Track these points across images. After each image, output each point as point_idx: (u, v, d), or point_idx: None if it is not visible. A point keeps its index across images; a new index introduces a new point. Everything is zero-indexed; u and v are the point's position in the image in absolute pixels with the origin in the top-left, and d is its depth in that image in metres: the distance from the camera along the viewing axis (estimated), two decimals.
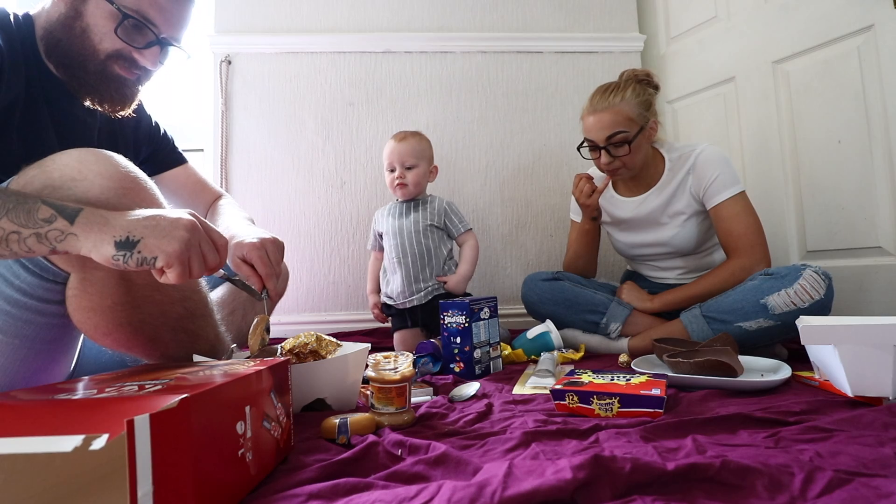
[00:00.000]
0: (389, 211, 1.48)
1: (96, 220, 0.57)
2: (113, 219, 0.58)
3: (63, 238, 0.56)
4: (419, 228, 1.41)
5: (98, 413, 0.40)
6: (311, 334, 0.84)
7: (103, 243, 0.56)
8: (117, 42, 0.76)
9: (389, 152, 1.42)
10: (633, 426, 0.66)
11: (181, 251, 0.58)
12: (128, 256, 0.56)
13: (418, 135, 1.46)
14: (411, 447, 0.60)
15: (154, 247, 0.57)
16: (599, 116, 1.23)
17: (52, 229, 0.55)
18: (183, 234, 0.58)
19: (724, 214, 1.21)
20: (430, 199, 1.47)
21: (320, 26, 1.80)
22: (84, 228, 0.56)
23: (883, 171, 1.27)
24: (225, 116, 1.74)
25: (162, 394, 0.42)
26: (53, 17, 0.76)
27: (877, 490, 0.44)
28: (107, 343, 0.68)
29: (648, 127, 1.25)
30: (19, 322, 0.66)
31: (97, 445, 0.31)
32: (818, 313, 1.04)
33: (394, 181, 1.42)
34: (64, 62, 0.77)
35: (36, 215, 0.55)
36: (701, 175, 1.24)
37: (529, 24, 1.86)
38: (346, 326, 1.70)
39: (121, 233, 0.57)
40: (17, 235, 0.55)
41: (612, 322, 1.30)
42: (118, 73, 0.78)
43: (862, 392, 0.72)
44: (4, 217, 0.55)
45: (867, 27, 1.28)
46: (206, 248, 0.62)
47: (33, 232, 0.55)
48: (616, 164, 1.25)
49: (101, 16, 0.74)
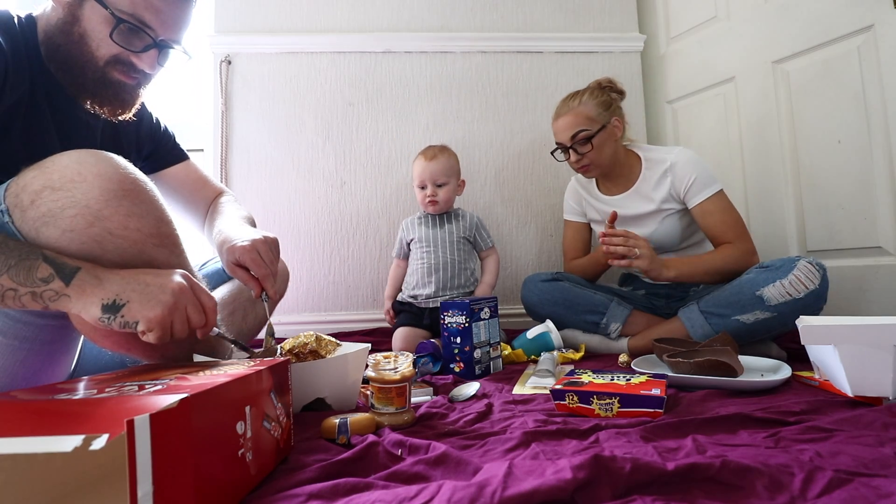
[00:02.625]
0: (421, 221, 1.51)
1: (90, 280, 0.59)
2: (106, 279, 0.59)
3: (57, 299, 0.58)
4: (453, 240, 1.46)
5: (98, 413, 0.40)
6: (310, 334, 0.84)
7: (92, 305, 0.58)
8: (114, 47, 0.75)
9: (420, 171, 1.45)
10: (633, 426, 0.66)
11: (162, 317, 0.59)
12: (111, 319, 0.58)
13: (447, 150, 1.49)
14: (411, 447, 0.60)
15: (137, 312, 0.59)
16: (563, 119, 1.34)
17: (48, 290, 0.57)
18: (167, 300, 0.60)
19: (709, 210, 1.25)
20: (462, 212, 1.52)
21: (320, 26, 1.80)
22: (77, 290, 0.58)
23: (883, 171, 1.27)
24: (225, 116, 1.74)
25: (162, 394, 0.42)
26: (53, 22, 0.75)
27: (877, 490, 0.44)
28: (106, 345, 0.68)
29: (611, 125, 1.33)
30: (19, 324, 0.66)
31: (97, 445, 0.31)
32: (814, 303, 1.06)
33: (425, 199, 1.45)
34: (64, 67, 0.76)
35: (35, 274, 0.57)
36: (680, 176, 1.28)
37: (529, 24, 1.86)
38: (347, 326, 1.70)
39: (109, 296, 0.58)
40: (14, 293, 0.57)
41: (612, 322, 1.30)
42: (117, 79, 0.78)
43: (862, 392, 0.73)
44: (5, 274, 0.56)
45: (867, 27, 1.28)
46: (191, 311, 0.63)
47: (30, 290, 0.57)
48: (584, 161, 1.33)
49: (96, 21, 0.74)
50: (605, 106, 1.33)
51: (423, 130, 1.81)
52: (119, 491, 0.33)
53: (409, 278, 1.50)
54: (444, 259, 1.44)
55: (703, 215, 1.27)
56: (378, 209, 1.79)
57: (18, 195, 0.60)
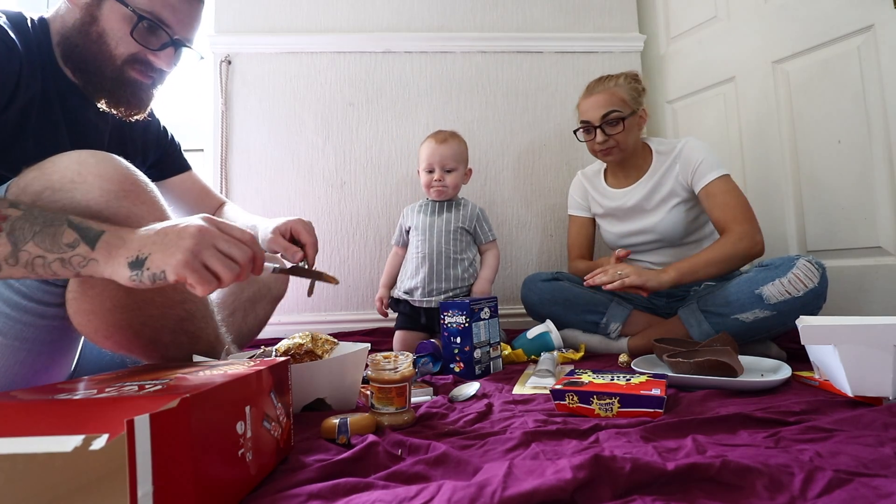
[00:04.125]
0: (421, 208, 1.46)
1: (115, 242, 0.57)
2: (129, 238, 0.57)
3: (86, 264, 0.56)
4: (450, 229, 1.40)
5: (98, 413, 0.40)
6: (305, 334, 0.83)
7: (119, 266, 0.56)
8: (133, 45, 0.76)
9: (430, 153, 1.40)
10: (633, 426, 0.66)
11: (186, 260, 0.56)
12: (140, 275, 0.56)
13: (457, 136, 1.44)
14: (411, 447, 0.60)
15: (160, 261, 0.56)
16: (596, 97, 1.32)
17: (76, 255, 0.55)
18: (187, 243, 0.56)
19: (714, 191, 1.24)
20: (464, 202, 1.47)
21: (320, 26, 1.80)
22: (104, 253, 0.56)
23: (883, 171, 1.27)
24: (225, 116, 1.74)
25: (162, 394, 0.42)
26: (69, 23, 0.76)
27: (877, 490, 0.44)
28: (107, 345, 0.68)
29: (639, 114, 1.33)
30: (19, 325, 0.66)
31: (97, 445, 0.31)
32: (813, 302, 1.06)
33: (431, 182, 1.40)
34: (81, 67, 0.77)
35: (60, 240, 0.55)
36: (687, 161, 1.28)
37: (529, 24, 1.86)
38: (346, 326, 1.70)
39: (132, 252, 0.56)
40: (43, 260, 0.55)
41: (612, 322, 1.30)
42: (134, 78, 0.79)
43: (862, 392, 0.72)
44: (31, 241, 0.54)
45: (867, 27, 1.28)
46: (226, 247, 0.58)
47: (58, 257, 0.55)
48: (610, 142, 1.31)
49: (115, 19, 0.75)
50: (637, 93, 1.33)
51: (423, 130, 1.81)
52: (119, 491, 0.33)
53: (404, 267, 1.46)
54: (436, 249, 1.38)
55: (707, 197, 1.24)
56: (378, 209, 1.79)
57: (19, 197, 0.60)
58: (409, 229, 1.47)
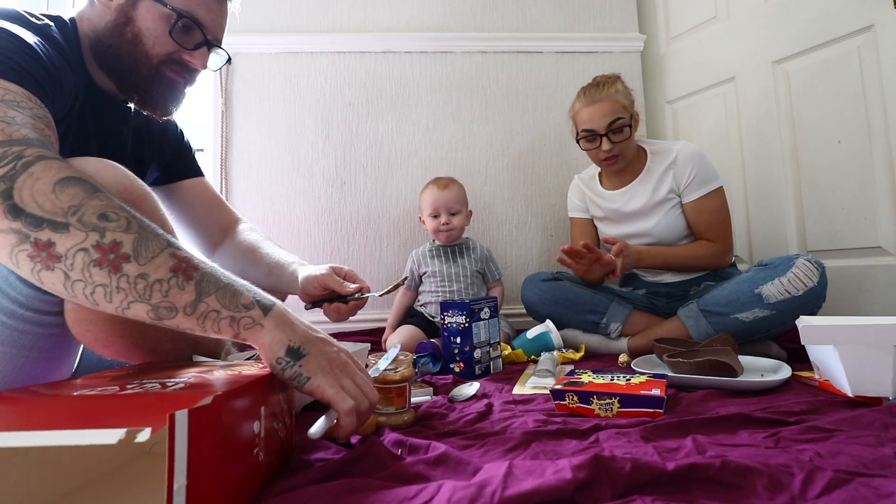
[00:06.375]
0: (433, 254, 1.51)
1: (285, 319, 0.56)
2: (296, 324, 0.57)
3: (251, 326, 0.55)
4: (468, 273, 1.48)
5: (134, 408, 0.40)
6: None
7: (278, 343, 0.55)
8: (170, 44, 0.76)
9: (434, 199, 1.46)
10: (633, 426, 0.66)
11: (336, 379, 0.56)
12: (288, 364, 0.55)
13: (455, 181, 1.53)
14: (411, 447, 0.60)
15: (314, 367, 0.55)
16: (600, 105, 1.30)
17: (247, 316, 0.54)
18: (339, 374, 0.57)
19: (700, 208, 1.30)
20: (472, 243, 1.54)
21: (320, 26, 1.80)
22: (273, 324, 0.55)
23: (883, 171, 1.27)
24: (225, 116, 1.74)
25: (187, 391, 0.43)
26: (101, 25, 0.75)
27: (877, 490, 0.44)
28: (107, 353, 0.67)
29: (635, 117, 1.34)
30: (16, 332, 0.65)
31: (141, 438, 0.32)
32: (813, 301, 1.06)
33: (439, 227, 1.46)
34: (115, 68, 0.76)
35: (239, 300, 0.54)
36: (681, 170, 1.31)
37: (529, 24, 1.86)
38: (346, 326, 1.69)
39: (297, 340, 0.55)
40: (217, 315, 0.53)
41: (612, 322, 1.30)
42: (170, 77, 0.79)
43: (862, 392, 0.73)
44: (214, 295, 0.53)
45: (867, 27, 1.28)
46: (360, 383, 0.59)
47: (231, 314, 0.54)
48: (615, 150, 1.31)
49: (152, 19, 0.74)
50: (632, 97, 1.34)
51: (423, 130, 1.81)
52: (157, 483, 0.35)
53: (426, 308, 1.51)
54: (457, 295, 1.45)
55: (692, 212, 1.31)
56: (378, 209, 1.79)
57: None
58: (423, 274, 1.51)
